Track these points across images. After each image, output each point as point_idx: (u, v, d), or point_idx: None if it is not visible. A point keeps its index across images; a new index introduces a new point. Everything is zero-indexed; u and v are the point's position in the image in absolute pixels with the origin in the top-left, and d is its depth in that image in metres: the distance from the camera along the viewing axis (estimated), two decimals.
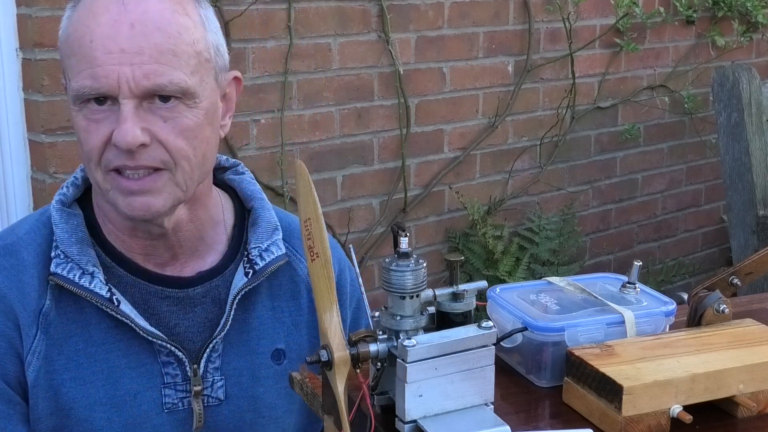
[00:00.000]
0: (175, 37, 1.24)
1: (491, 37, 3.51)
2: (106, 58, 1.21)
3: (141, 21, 1.23)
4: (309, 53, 3.03)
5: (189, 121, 1.26)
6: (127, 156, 1.23)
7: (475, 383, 1.00)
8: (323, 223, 1.00)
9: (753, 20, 4.19)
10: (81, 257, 1.31)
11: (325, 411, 1.06)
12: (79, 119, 1.26)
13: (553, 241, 3.72)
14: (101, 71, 1.22)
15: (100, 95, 1.23)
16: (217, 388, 1.37)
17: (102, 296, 1.29)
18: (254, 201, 1.44)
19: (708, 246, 4.57)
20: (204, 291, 1.37)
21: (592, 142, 3.97)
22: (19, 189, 2.63)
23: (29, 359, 1.29)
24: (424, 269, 1.00)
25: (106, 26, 1.22)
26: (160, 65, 1.22)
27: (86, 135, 1.25)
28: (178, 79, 1.23)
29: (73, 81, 1.25)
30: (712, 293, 1.21)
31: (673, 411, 1.04)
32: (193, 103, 1.26)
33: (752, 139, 3.11)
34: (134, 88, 1.21)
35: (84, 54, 1.23)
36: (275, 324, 1.42)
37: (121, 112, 1.22)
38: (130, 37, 1.22)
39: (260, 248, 1.40)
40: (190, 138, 1.26)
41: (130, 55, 1.21)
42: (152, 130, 1.23)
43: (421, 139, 3.40)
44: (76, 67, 1.24)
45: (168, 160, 1.25)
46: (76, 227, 1.34)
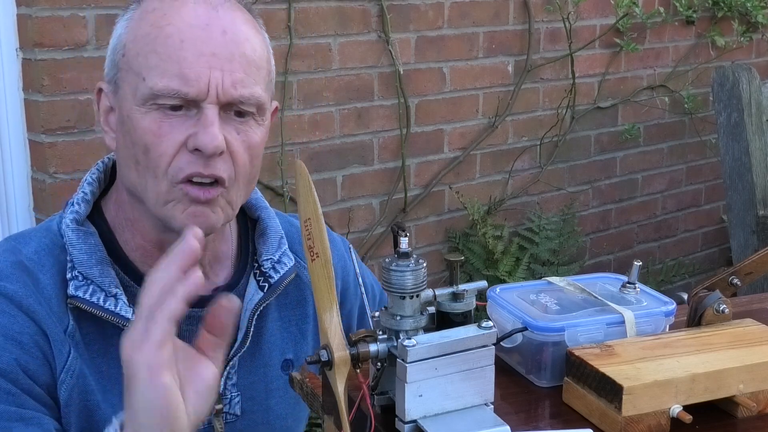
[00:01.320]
0: (258, 51, 1.24)
1: (491, 37, 3.51)
2: (198, 60, 1.18)
3: (232, 29, 1.21)
4: (309, 53, 3.03)
5: (257, 137, 1.24)
6: (203, 163, 1.19)
7: (475, 383, 1.00)
8: (323, 223, 1.00)
9: (753, 20, 4.19)
10: (103, 279, 1.25)
11: (325, 411, 1.06)
12: (146, 122, 1.19)
13: (553, 241, 3.72)
14: (192, 73, 1.17)
15: (185, 99, 1.18)
16: (234, 404, 1.35)
17: (127, 319, 1.24)
18: (260, 210, 1.41)
19: (708, 246, 4.57)
20: None
21: (592, 142, 3.97)
22: (19, 189, 2.63)
23: (63, 377, 1.23)
24: (424, 269, 1.00)
25: (198, 29, 1.19)
26: (247, 76, 1.21)
27: (156, 139, 1.19)
28: (258, 93, 1.22)
29: (153, 79, 1.18)
30: (712, 293, 1.21)
31: (673, 411, 1.04)
32: (262, 120, 1.25)
33: (752, 139, 3.11)
34: (221, 94, 1.18)
35: (170, 53, 1.18)
36: (284, 334, 1.40)
37: (205, 116, 1.18)
38: (222, 42, 1.19)
39: (272, 260, 1.36)
40: (254, 156, 1.24)
41: (222, 61, 1.19)
42: (228, 140, 1.20)
43: (421, 139, 3.40)
44: (158, 66, 1.18)
45: (231, 175, 1.22)
46: (94, 246, 1.27)
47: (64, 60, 2.52)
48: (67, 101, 2.55)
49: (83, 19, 2.53)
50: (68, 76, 2.53)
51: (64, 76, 2.53)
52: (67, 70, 2.53)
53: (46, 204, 2.59)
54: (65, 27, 2.50)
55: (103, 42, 2.57)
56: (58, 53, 2.51)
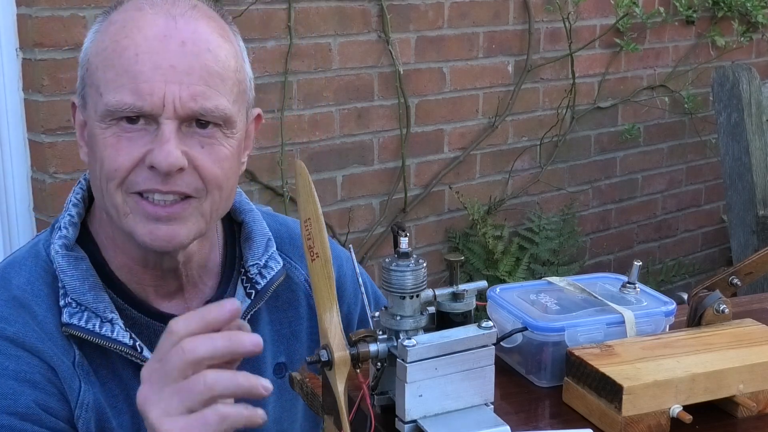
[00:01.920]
0: (223, 61, 1.19)
1: (491, 37, 3.51)
2: (153, 73, 1.14)
3: (192, 39, 1.16)
4: (309, 53, 3.03)
5: (225, 150, 1.20)
6: (161, 179, 1.15)
7: (475, 383, 1.00)
8: (323, 223, 1.00)
9: (753, 20, 4.19)
10: (97, 305, 1.22)
11: (325, 411, 1.06)
12: (106, 136, 1.16)
13: (553, 241, 3.72)
14: (146, 87, 1.14)
15: (141, 113, 1.15)
16: None
17: (126, 344, 1.22)
18: (244, 214, 1.37)
19: (708, 246, 4.57)
20: None
21: (592, 142, 3.97)
22: (19, 189, 2.63)
23: (78, 413, 1.21)
24: (424, 269, 1.00)
25: (155, 41, 1.15)
26: (209, 88, 1.16)
27: (114, 152, 1.16)
28: (223, 106, 1.18)
29: (108, 95, 1.15)
30: (712, 293, 1.21)
31: (673, 411, 1.04)
32: (231, 132, 1.20)
33: (752, 139, 3.11)
34: (179, 108, 1.14)
35: (126, 67, 1.14)
36: (275, 337, 1.38)
37: (161, 133, 1.15)
38: (181, 54, 1.15)
39: (258, 265, 1.33)
40: (225, 168, 1.20)
41: (180, 74, 1.14)
42: (190, 155, 1.17)
43: (421, 139, 3.40)
44: (113, 81, 1.15)
45: (201, 188, 1.19)
46: (86, 272, 1.24)
47: (64, 60, 2.52)
48: (67, 101, 2.54)
49: (83, 19, 2.53)
50: (68, 76, 2.53)
51: (64, 76, 2.53)
52: (67, 70, 2.53)
53: (46, 204, 2.59)
54: (65, 27, 2.50)
55: None
56: (58, 53, 2.51)
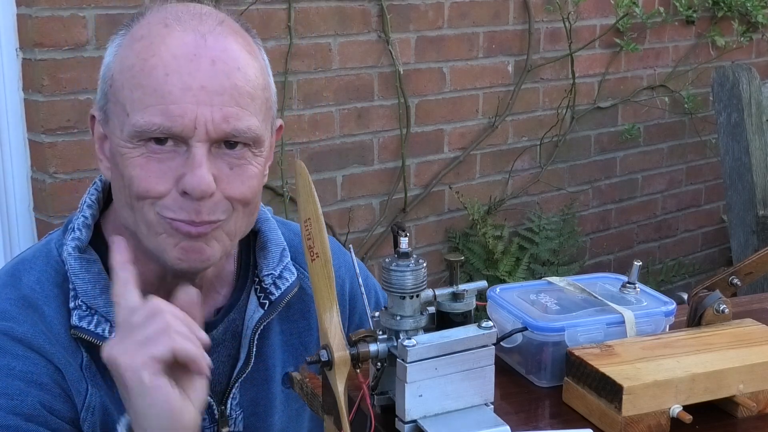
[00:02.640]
0: (253, 80, 1.16)
1: (491, 37, 3.51)
2: (184, 94, 1.10)
3: (222, 58, 1.13)
4: (309, 53, 3.03)
5: (254, 169, 1.18)
6: (194, 209, 1.13)
7: (475, 383, 1.00)
8: (323, 223, 1.00)
9: (753, 20, 4.19)
10: (108, 309, 1.19)
11: (325, 411, 1.06)
12: (134, 156, 1.13)
13: (553, 241, 3.72)
14: (177, 109, 1.10)
15: (171, 135, 1.12)
16: (238, 422, 1.32)
17: None
18: (260, 223, 1.35)
19: (708, 246, 4.57)
20: (224, 329, 1.30)
21: (592, 142, 3.97)
22: (19, 189, 2.63)
23: (84, 415, 1.19)
24: (424, 269, 1.00)
25: (184, 60, 1.11)
26: (240, 108, 1.13)
27: (144, 174, 1.13)
28: (255, 126, 1.15)
29: (137, 116, 1.12)
30: (712, 293, 1.21)
31: (673, 411, 1.04)
32: (259, 151, 1.18)
33: (752, 139, 3.11)
34: (212, 131, 1.12)
35: (154, 87, 1.11)
36: (285, 348, 1.37)
37: (193, 156, 1.12)
38: (212, 74, 1.11)
39: (273, 275, 1.32)
40: (253, 187, 1.18)
41: (211, 94, 1.11)
42: (218, 177, 1.14)
43: (421, 139, 3.40)
44: (141, 101, 1.11)
45: (227, 209, 1.17)
46: (98, 275, 1.22)
47: (64, 60, 2.52)
48: (67, 101, 2.54)
49: (83, 19, 2.53)
50: (68, 76, 2.53)
51: (64, 76, 2.53)
52: (67, 70, 2.53)
53: (46, 204, 2.59)
54: (65, 27, 2.50)
55: (103, 42, 2.57)
56: (58, 53, 2.51)
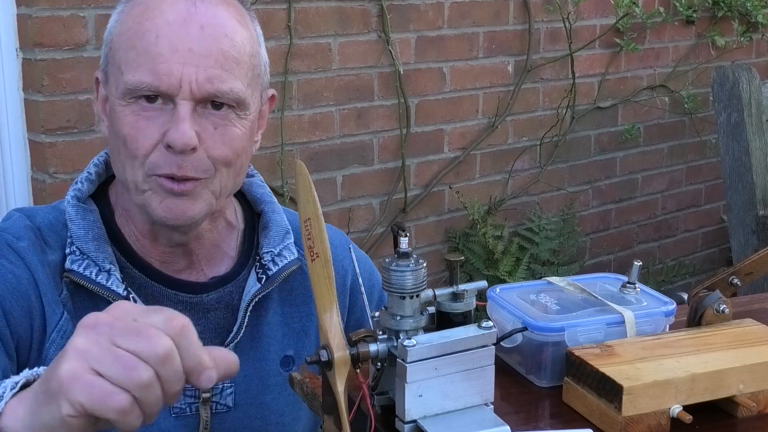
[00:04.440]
0: (239, 46, 1.25)
1: (491, 37, 3.51)
2: (172, 55, 1.20)
3: (211, 24, 1.22)
4: (309, 53, 3.03)
5: (237, 130, 1.26)
6: (176, 163, 1.21)
7: (475, 383, 1.00)
8: (323, 223, 1.00)
9: (753, 20, 4.19)
10: (98, 254, 1.28)
11: (325, 411, 1.06)
12: (125, 114, 1.23)
13: (553, 241, 3.72)
14: (164, 68, 1.20)
15: (158, 93, 1.21)
16: (226, 396, 1.35)
17: (119, 294, 1.26)
18: (264, 204, 1.44)
19: (708, 246, 4.57)
20: (217, 297, 1.35)
21: (592, 142, 3.97)
22: (19, 189, 2.63)
23: (54, 336, 1.25)
24: (424, 269, 0.99)
25: (175, 25, 1.21)
26: (225, 71, 1.22)
27: (134, 132, 1.22)
28: (238, 89, 1.24)
29: (129, 74, 1.21)
30: (712, 293, 1.21)
31: (673, 411, 1.04)
32: (244, 114, 1.27)
33: (752, 139, 3.11)
34: (195, 90, 1.20)
35: (146, 48, 1.21)
36: (285, 330, 1.40)
37: (177, 113, 1.21)
38: (200, 38, 1.21)
39: (273, 253, 1.38)
40: (235, 148, 1.26)
41: (197, 57, 1.20)
42: (202, 136, 1.22)
43: (421, 139, 3.40)
44: (134, 61, 1.21)
45: (209, 168, 1.24)
46: (93, 223, 1.31)
47: (64, 60, 2.52)
48: (67, 101, 2.55)
49: (83, 19, 2.53)
50: (68, 76, 2.53)
51: (64, 76, 2.53)
52: (67, 70, 2.53)
53: (46, 204, 2.59)
54: (65, 27, 2.50)
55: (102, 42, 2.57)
56: (58, 53, 2.51)
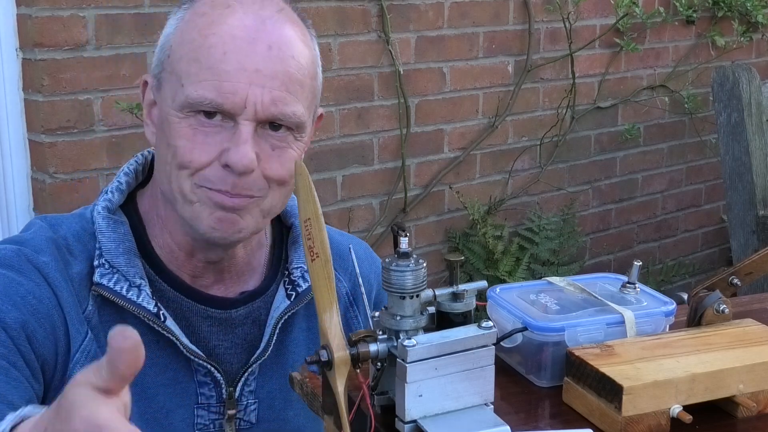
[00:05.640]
0: (304, 68, 1.22)
1: (491, 37, 3.51)
2: (239, 74, 1.17)
3: (278, 44, 1.19)
4: None
5: (294, 152, 1.23)
6: (231, 182, 1.18)
7: (475, 383, 1.00)
8: (323, 223, 0.99)
9: (753, 20, 4.19)
10: (128, 269, 1.25)
11: (325, 411, 1.06)
12: (181, 126, 1.19)
13: (553, 241, 3.72)
14: (230, 86, 1.16)
15: (221, 110, 1.18)
16: (250, 412, 1.33)
17: (149, 311, 1.24)
18: (295, 218, 1.39)
19: (708, 246, 4.57)
20: (246, 312, 1.33)
21: (592, 142, 3.97)
22: (19, 189, 2.63)
23: (78, 357, 1.22)
24: (424, 269, 0.99)
25: (243, 42, 1.17)
26: (289, 94, 1.19)
27: (189, 144, 1.19)
28: (300, 112, 1.21)
29: (191, 88, 1.18)
30: (712, 293, 1.21)
31: (673, 411, 1.04)
32: (300, 136, 1.24)
33: (752, 139, 3.11)
34: (260, 111, 1.18)
35: (211, 64, 1.17)
36: (309, 345, 1.38)
37: (239, 133, 1.17)
38: (267, 58, 1.18)
39: (302, 269, 1.35)
40: (291, 170, 1.21)
41: (264, 78, 1.17)
42: (260, 156, 1.20)
43: (421, 139, 3.40)
44: (197, 75, 1.18)
45: (264, 187, 1.22)
46: (123, 236, 1.27)
47: (64, 60, 2.52)
48: (67, 101, 2.55)
49: (83, 19, 2.53)
50: (68, 76, 2.53)
51: (64, 76, 2.53)
52: (67, 70, 2.53)
53: (46, 204, 2.59)
54: (65, 27, 2.50)
55: (103, 42, 2.57)
56: (58, 53, 2.51)
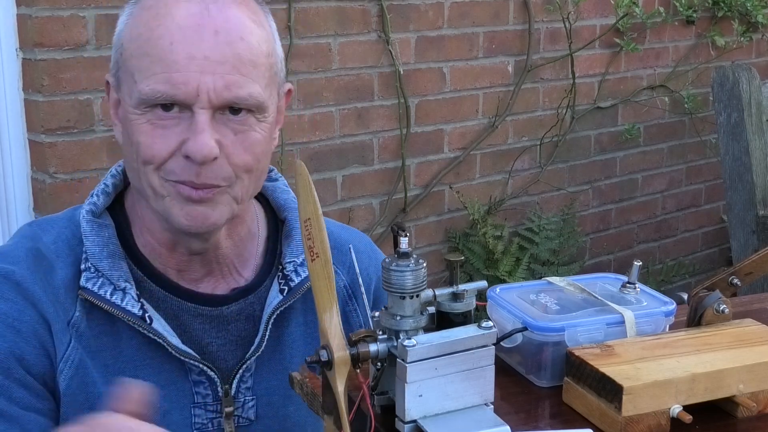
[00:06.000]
0: (256, 48, 1.21)
1: (491, 37, 3.51)
2: (188, 63, 1.16)
3: (225, 28, 1.18)
4: (309, 53, 3.03)
5: (258, 135, 1.22)
6: (195, 171, 1.18)
7: (475, 383, 1.00)
8: (323, 223, 0.99)
9: (753, 20, 4.19)
10: (113, 272, 1.25)
11: (325, 411, 1.06)
12: (140, 123, 1.19)
13: (553, 241, 3.72)
14: (180, 77, 1.16)
15: (175, 102, 1.17)
16: (248, 408, 1.33)
17: (134, 314, 1.24)
18: (288, 211, 1.39)
19: (708, 246, 4.57)
20: (238, 309, 1.32)
21: (592, 142, 3.97)
22: (19, 189, 2.63)
23: (61, 366, 1.23)
24: (424, 269, 0.99)
25: (189, 30, 1.17)
26: (242, 76, 1.18)
27: (150, 140, 1.19)
28: (256, 93, 1.20)
29: (143, 83, 1.17)
30: (712, 293, 1.21)
31: (673, 411, 1.04)
32: (263, 117, 1.22)
33: (752, 139, 3.11)
34: (214, 98, 1.17)
35: (161, 56, 1.16)
36: (307, 340, 1.37)
37: (196, 123, 1.17)
38: (214, 44, 1.17)
39: (295, 263, 1.34)
40: (257, 153, 1.23)
41: (214, 64, 1.16)
42: (223, 143, 1.19)
43: (421, 139, 3.40)
44: (148, 69, 1.17)
45: (230, 176, 1.21)
46: (108, 239, 1.27)
47: (64, 60, 2.52)
48: (67, 101, 2.55)
49: (83, 19, 2.53)
50: (68, 76, 2.53)
51: (64, 76, 2.53)
52: (67, 70, 2.53)
53: (46, 204, 2.59)
54: (65, 27, 2.50)
55: (102, 42, 2.57)
56: (58, 53, 2.51)
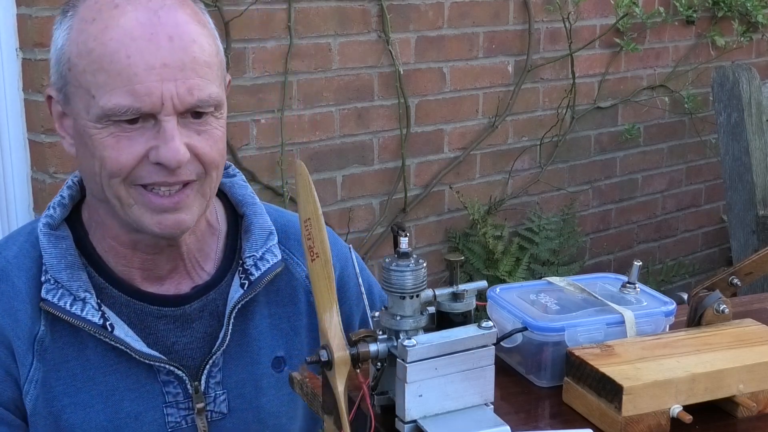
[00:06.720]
0: (207, 49, 1.21)
1: (491, 37, 3.51)
2: (148, 74, 1.15)
3: (177, 34, 1.18)
4: (309, 53, 3.03)
5: (218, 131, 1.24)
6: (168, 173, 1.19)
7: (475, 383, 1.00)
8: (323, 223, 1.00)
9: (753, 20, 4.19)
10: (72, 283, 1.26)
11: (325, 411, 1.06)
12: (103, 137, 1.18)
13: (553, 241, 3.72)
14: (142, 89, 1.15)
15: (140, 114, 1.17)
16: (220, 403, 1.34)
17: (94, 323, 1.25)
18: (245, 207, 1.40)
19: (708, 246, 4.57)
20: (201, 306, 1.34)
21: (592, 142, 3.97)
22: (19, 189, 2.63)
23: (26, 388, 1.26)
24: (424, 269, 0.99)
25: (143, 40, 1.16)
26: (201, 79, 1.19)
27: (115, 153, 1.18)
28: (215, 93, 1.21)
29: (103, 99, 1.16)
30: (712, 293, 1.21)
31: (673, 411, 1.04)
32: (220, 114, 1.24)
33: (752, 139, 3.11)
34: (178, 104, 1.17)
35: (119, 71, 1.15)
36: (274, 332, 1.39)
37: (165, 130, 1.17)
38: (170, 51, 1.17)
39: (255, 257, 1.36)
40: (220, 150, 1.25)
41: (174, 70, 1.16)
42: (191, 145, 1.20)
43: (421, 139, 3.40)
44: (107, 84, 1.16)
45: (201, 172, 1.23)
46: (66, 251, 1.28)
47: None
48: None
49: None
50: None
51: None
52: None
53: (46, 204, 2.58)
54: None
55: None
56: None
